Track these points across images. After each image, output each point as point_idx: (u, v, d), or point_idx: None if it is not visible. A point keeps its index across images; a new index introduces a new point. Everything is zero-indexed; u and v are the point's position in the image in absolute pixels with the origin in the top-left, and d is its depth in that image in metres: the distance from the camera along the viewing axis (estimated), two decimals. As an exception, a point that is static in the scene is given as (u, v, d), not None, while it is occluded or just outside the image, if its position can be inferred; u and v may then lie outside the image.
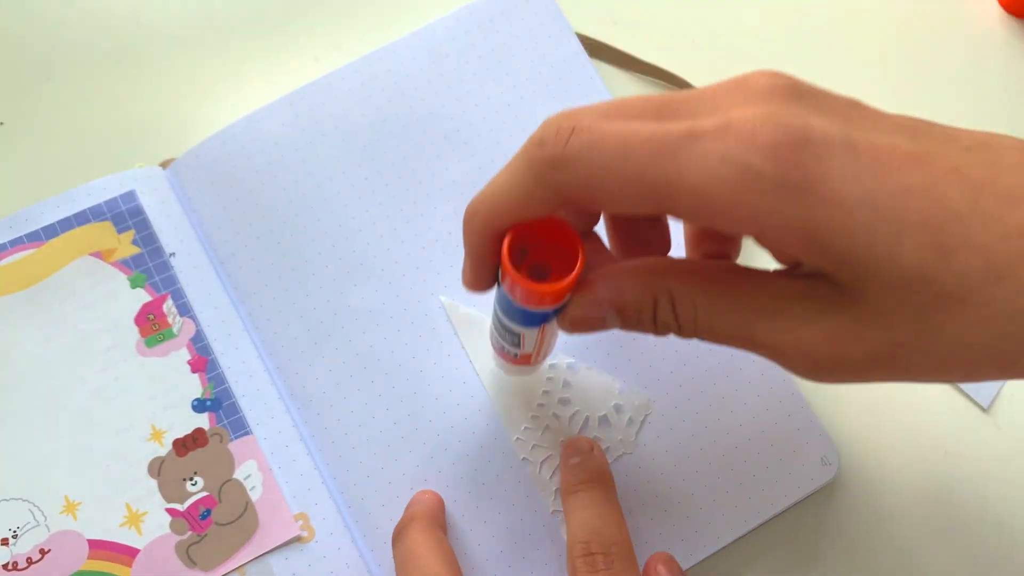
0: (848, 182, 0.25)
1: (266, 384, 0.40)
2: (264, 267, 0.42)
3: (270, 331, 0.41)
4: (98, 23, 0.47)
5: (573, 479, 0.37)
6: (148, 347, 0.41)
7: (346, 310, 0.41)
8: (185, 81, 0.46)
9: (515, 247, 0.29)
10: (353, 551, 0.38)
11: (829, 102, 0.27)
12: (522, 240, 0.29)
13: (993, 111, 0.46)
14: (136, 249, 0.42)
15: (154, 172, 0.43)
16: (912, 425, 0.41)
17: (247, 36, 0.47)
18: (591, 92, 0.44)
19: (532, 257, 0.30)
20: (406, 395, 0.40)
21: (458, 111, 0.44)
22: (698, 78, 0.45)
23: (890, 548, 0.39)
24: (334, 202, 0.43)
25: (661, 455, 0.40)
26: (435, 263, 0.42)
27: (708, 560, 0.38)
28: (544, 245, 0.29)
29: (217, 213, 0.43)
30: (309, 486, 0.39)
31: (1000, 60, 0.46)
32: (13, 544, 0.38)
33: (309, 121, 0.43)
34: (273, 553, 0.38)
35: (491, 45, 0.45)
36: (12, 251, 0.41)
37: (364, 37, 0.46)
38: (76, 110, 0.45)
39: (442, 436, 0.40)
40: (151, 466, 0.39)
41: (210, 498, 0.39)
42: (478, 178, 0.43)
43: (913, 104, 0.45)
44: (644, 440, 0.40)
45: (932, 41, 0.47)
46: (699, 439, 0.40)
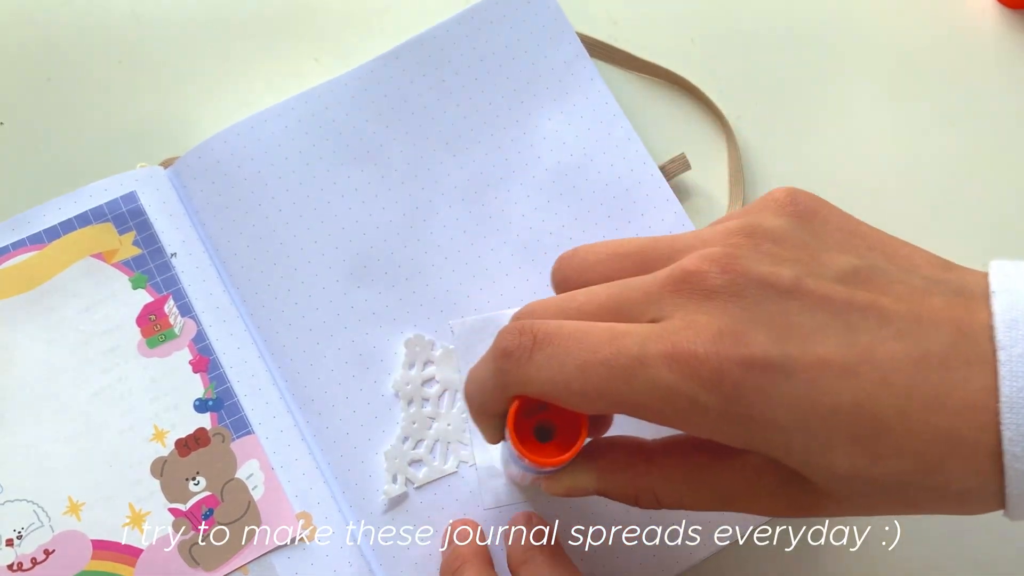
0: (785, 408, 0.27)
1: (268, 384, 0.40)
2: (266, 267, 0.42)
3: (272, 331, 0.41)
4: (98, 23, 0.47)
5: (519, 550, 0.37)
6: (150, 348, 0.41)
7: (349, 311, 0.41)
8: (185, 81, 0.46)
9: (524, 407, 0.31)
10: (355, 550, 0.38)
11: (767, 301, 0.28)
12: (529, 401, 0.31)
13: (988, 104, 0.46)
14: (137, 250, 0.42)
15: (156, 172, 0.43)
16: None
17: (247, 36, 0.47)
18: (591, 92, 0.44)
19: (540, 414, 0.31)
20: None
21: (459, 115, 0.44)
22: (698, 78, 0.46)
23: (893, 546, 0.39)
24: (337, 204, 0.43)
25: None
26: (438, 266, 0.42)
27: (710, 559, 0.39)
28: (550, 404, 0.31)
29: (219, 213, 0.43)
30: (311, 485, 0.39)
31: (995, 52, 0.46)
32: (18, 545, 0.38)
33: (312, 123, 0.44)
34: (276, 552, 0.38)
35: (492, 47, 0.45)
36: (14, 253, 0.41)
37: (364, 38, 0.46)
38: (76, 110, 0.45)
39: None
40: (154, 466, 0.39)
41: (212, 498, 0.39)
42: (480, 182, 0.43)
43: (910, 99, 0.46)
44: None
45: (928, 35, 0.47)
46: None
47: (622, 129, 0.44)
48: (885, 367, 0.27)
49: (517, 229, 0.43)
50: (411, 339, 0.41)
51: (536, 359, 0.29)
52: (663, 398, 0.28)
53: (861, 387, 0.27)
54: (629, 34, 0.46)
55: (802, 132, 0.45)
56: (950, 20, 0.47)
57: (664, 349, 0.28)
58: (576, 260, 0.34)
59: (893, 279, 0.29)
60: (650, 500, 0.33)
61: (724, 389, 0.27)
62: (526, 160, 0.43)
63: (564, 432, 0.31)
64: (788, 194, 0.31)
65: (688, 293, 0.29)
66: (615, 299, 0.31)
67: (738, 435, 0.28)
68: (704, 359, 0.27)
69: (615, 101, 0.44)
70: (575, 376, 0.29)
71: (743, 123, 0.45)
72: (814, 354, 0.28)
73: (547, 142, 0.44)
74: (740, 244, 0.30)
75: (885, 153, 0.45)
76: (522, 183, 0.43)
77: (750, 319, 0.28)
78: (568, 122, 0.44)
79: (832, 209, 0.31)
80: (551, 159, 0.43)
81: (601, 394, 0.29)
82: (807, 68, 0.47)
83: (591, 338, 0.29)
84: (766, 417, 0.28)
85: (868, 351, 0.28)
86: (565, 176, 0.43)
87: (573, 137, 0.44)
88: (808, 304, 0.28)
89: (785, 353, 0.27)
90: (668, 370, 0.28)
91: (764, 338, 0.28)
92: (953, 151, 0.45)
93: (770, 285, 0.28)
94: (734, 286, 0.28)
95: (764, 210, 0.31)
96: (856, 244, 0.30)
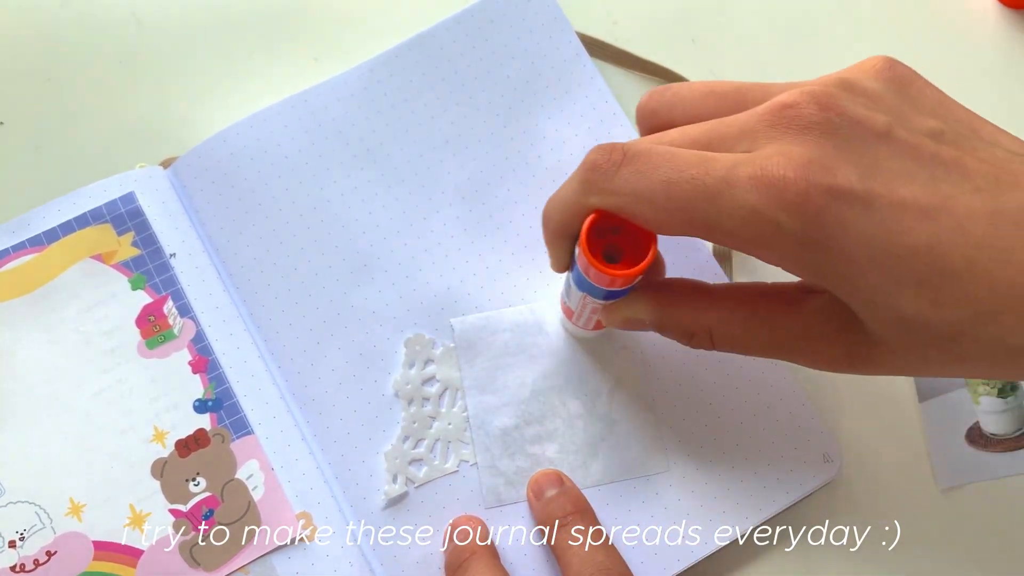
0: (862, 242, 0.28)
1: (267, 384, 0.41)
2: (266, 267, 0.42)
3: (272, 330, 0.41)
4: (98, 23, 0.46)
5: (559, 511, 0.37)
6: (149, 348, 0.41)
7: (349, 310, 0.41)
8: (185, 81, 0.46)
9: (597, 226, 0.32)
10: (355, 550, 0.38)
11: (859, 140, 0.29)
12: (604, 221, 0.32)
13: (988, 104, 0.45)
14: (136, 251, 0.42)
15: (155, 172, 0.43)
16: (915, 421, 0.41)
17: (247, 36, 0.47)
18: (591, 92, 0.44)
19: (610, 237, 0.32)
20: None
21: (460, 115, 0.44)
22: (698, 78, 0.45)
23: (893, 546, 0.39)
24: (337, 203, 0.43)
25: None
26: (438, 265, 0.42)
27: (710, 558, 0.39)
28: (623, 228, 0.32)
29: (219, 212, 0.43)
30: (311, 485, 0.39)
31: (995, 52, 0.46)
32: (20, 546, 0.38)
33: (312, 123, 0.44)
34: (276, 553, 0.38)
35: (492, 47, 0.45)
36: (14, 256, 0.41)
37: (364, 38, 0.46)
38: (77, 110, 0.45)
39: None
40: (154, 467, 0.39)
41: (213, 498, 0.39)
42: (480, 181, 0.43)
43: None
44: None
45: (928, 35, 0.47)
46: (699, 437, 0.40)
47: (622, 129, 0.44)
48: (961, 216, 0.28)
49: (517, 228, 0.43)
50: (411, 338, 0.41)
51: (623, 172, 0.30)
52: (745, 219, 0.29)
53: (936, 232, 0.28)
54: (629, 34, 0.46)
55: (802, 131, 0.45)
56: (950, 20, 0.47)
57: (752, 172, 0.29)
58: (669, 94, 0.35)
59: (977, 146, 0.30)
60: (704, 339, 0.34)
61: (807, 214, 0.28)
62: (526, 160, 0.43)
63: (631, 256, 0.32)
64: (886, 61, 0.32)
65: (784, 126, 0.29)
66: (709, 134, 0.31)
67: (812, 265, 0.29)
68: (791, 183, 0.28)
69: (615, 101, 0.44)
70: (660, 190, 0.30)
71: (743, 122, 0.45)
72: (897, 194, 0.28)
73: (547, 142, 0.44)
74: (838, 90, 0.30)
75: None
76: (522, 182, 0.43)
77: (841, 154, 0.29)
78: (568, 122, 0.44)
79: (927, 83, 0.32)
80: (551, 159, 0.43)
81: (683, 210, 0.29)
82: (807, 68, 0.46)
83: (680, 159, 0.30)
84: (842, 248, 0.28)
85: (948, 200, 0.28)
86: (565, 175, 0.43)
87: (573, 137, 0.44)
88: (898, 150, 0.29)
89: (869, 188, 0.28)
90: (755, 192, 0.28)
91: (852, 172, 0.28)
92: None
93: (864, 126, 0.29)
94: (829, 123, 0.29)
95: (862, 71, 0.32)
96: (945, 113, 0.31)
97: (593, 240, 0.32)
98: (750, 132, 0.30)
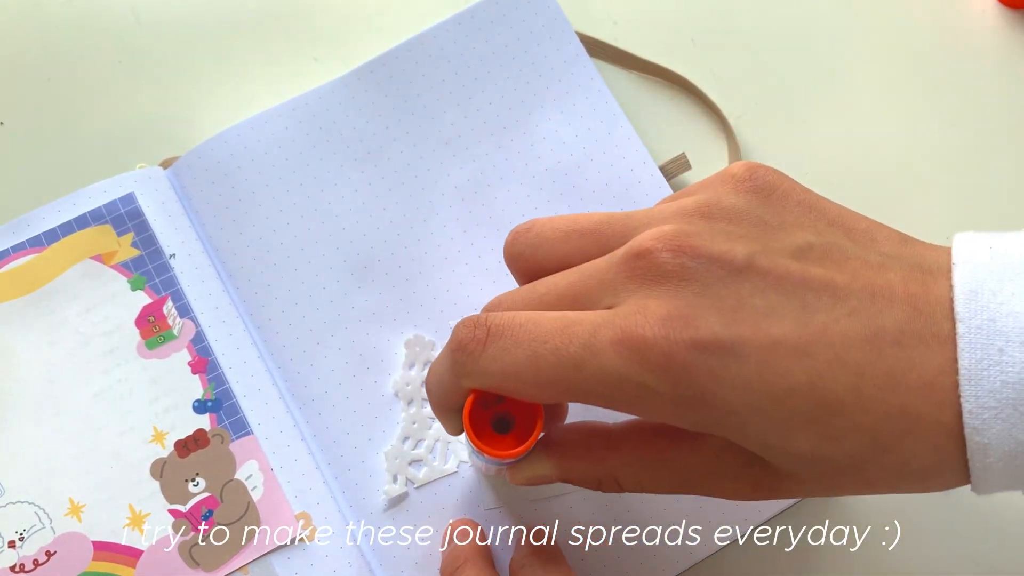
0: (739, 392, 0.27)
1: (267, 384, 0.41)
2: (266, 267, 0.42)
3: (271, 331, 0.41)
4: (98, 23, 0.46)
5: (520, 554, 0.37)
6: (149, 349, 0.41)
7: (349, 311, 0.41)
8: (185, 81, 0.46)
9: (481, 399, 0.31)
10: (355, 550, 0.38)
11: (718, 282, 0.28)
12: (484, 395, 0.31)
13: (988, 104, 0.46)
14: (136, 251, 0.42)
15: (155, 172, 0.43)
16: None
17: (247, 36, 0.47)
18: (591, 92, 0.44)
19: (496, 407, 0.32)
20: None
21: (459, 115, 0.44)
22: (698, 78, 0.45)
23: (893, 546, 0.39)
24: (337, 204, 0.43)
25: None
26: (438, 266, 0.42)
27: (710, 558, 0.39)
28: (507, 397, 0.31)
29: (219, 213, 0.43)
30: (311, 485, 0.39)
31: (995, 52, 0.46)
32: (20, 547, 0.38)
33: (312, 124, 0.43)
34: (275, 553, 0.38)
35: (492, 47, 0.45)
36: (14, 257, 0.41)
37: (364, 38, 0.46)
38: (76, 110, 0.45)
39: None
40: (153, 468, 0.39)
41: (212, 499, 0.39)
42: (480, 181, 0.43)
43: (910, 99, 0.46)
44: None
45: (928, 35, 0.47)
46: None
47: (622, 129, 0.44)
48: (838, 346, 0.27)
49: (517, 229, 0.43)
50: (411, 339, 0.41)
51: (489, 351, 0.29)
52: (613, 385, 0.28)
53: (814, 367, 0.27)
54: (629, 34, 0.46)
55: (802, 132, 0.45)
56: (950, 20, 0.47)
57: (613, 335, 0.28)
58: (531, 235, 0.33)
59: (850, 255, 0.29)
60: (611, 485, 0.32)
61: (673, 373, 0.27)
62: (526, 160, 0.43)
63: (522, 423, 0.31)
64: (747, 169, 0.31)
65: (640, 277, 0.28)
66: (574, 288, 0.30)
67: (693, 419, 0.28)
68: (652, 343, 0.27)
69: (615, 101, 0.44)
70: (527, 366, 0.29)
71: (743, 123, 0.45)
72: (766, 335, 0.27)
73: (547, 142, 0.44)
74: (693, 222, 0.29)
75: (886, 153, 0.45)
76: (522, 183, 0.43)
77: (701, 301, 0.28)
78: (568, 122, 0.44)
79: (792, 184, 0.31)
80: (551, 159, 0.43)
81: (552, 383, 0.29)
82: (807, 68, 0.46)
83: (542, 328, 0.29)
84: (719, 400, 0.27)
85: (822, 330, 0.27)
86: (565, 176, 0.43)
87: (573, 137, 0.44)
88: (761, 284, 0.28)
89: (736, 335, 0.27)
90: (618, 357, 0.27)
91: (715, 320, 0.27)
92: (954, 151, 0.45)
93: (722, 265, 0.28)
94: (684, 270, 0.28)
95: (722, 185, 0.30)
96: (815, 219, 0.30)
97: (479, 413, 0.31)
98: (610, 285, 0.29)
